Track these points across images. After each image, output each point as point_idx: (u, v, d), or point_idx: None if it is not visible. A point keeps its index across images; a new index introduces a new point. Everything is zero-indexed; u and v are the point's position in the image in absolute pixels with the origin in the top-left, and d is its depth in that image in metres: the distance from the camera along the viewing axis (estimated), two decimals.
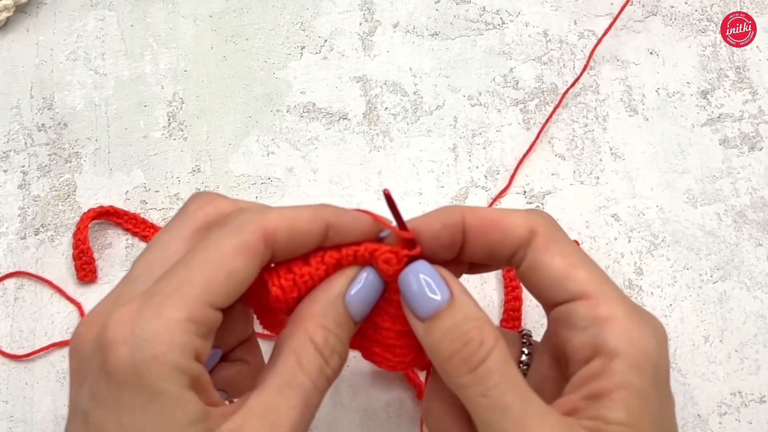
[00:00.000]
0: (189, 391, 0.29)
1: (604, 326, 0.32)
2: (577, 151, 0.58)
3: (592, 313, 0.33)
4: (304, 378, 0.32)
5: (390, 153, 0.58)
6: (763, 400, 0.52)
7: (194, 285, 0.30)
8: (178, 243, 0.34)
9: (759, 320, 0.54)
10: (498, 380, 0.31)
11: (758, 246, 0.56)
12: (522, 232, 0.35)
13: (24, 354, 0.52)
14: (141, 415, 0.29)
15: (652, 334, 0.33)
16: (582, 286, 0.33)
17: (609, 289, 0.34)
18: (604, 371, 0.32)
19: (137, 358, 0.29)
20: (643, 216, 0.56)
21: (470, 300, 0.34)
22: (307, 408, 0.32)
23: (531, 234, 0.35)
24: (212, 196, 0.36)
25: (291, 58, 0.61)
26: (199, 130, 0.58)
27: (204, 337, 0.31)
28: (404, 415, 0.51)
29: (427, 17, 0.62)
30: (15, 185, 0.56)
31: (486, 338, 0.32)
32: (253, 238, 0.32)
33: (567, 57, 0.61)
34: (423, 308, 0.33)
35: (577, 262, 0.34)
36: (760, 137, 0.59)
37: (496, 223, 0.35)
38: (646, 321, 0.33)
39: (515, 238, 0.35)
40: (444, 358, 0.33)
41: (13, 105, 0.59)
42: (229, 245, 0.31)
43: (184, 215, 0.35)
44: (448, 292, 0.33)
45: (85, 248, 0.53)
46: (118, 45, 0.61)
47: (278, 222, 0.32)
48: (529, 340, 0.38)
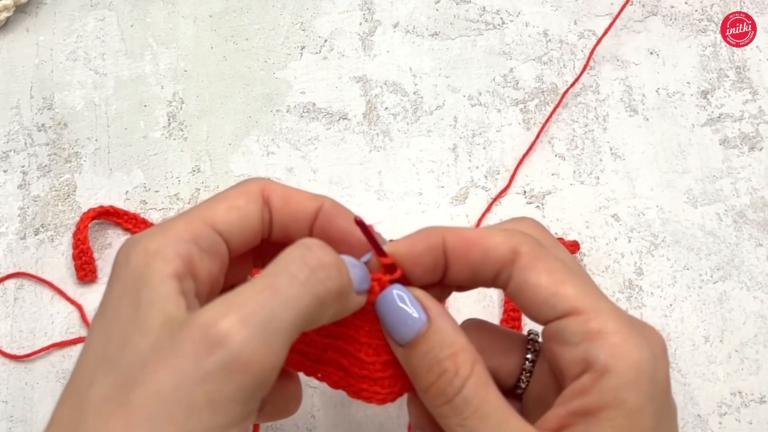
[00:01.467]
0: (172, 281, 0.31)
1: (596, 341, 0.32)
2: (577, 151, 0.58)
3: (582, 328, 0.32)
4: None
5: (390, 153, 0.58)
6: (763, 400, 0.52)
7: (198, 211, 0.34)
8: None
9: (759, 320, 0.54)
10: (474, 409, 0.31)
11: (758, 246, 0.56)
12: (503, 251, 0.34)
13: (24, 354, 0.52)
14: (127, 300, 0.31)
15: (647, 346, 0.32)
16: (572, 303, 0.32)
17: (600, 302, 0.33)
18: (594, 388, 0.31)
19: (141, 261, 0.31)
20: (643, 216, 0.56)
21: (447, 323, 0.33)
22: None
23: (514, 254, 0.34)
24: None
25: (291, 58, 0.61)
26: (199, 130, 0.58)
27: (203, 249, 0.32)
28: (404, 415, 0.51)
29: (427, 17, 0.62)
30: (15, 185, 0.56)
31: (461, 367, 0.32)
32: (253, 189, 0.35)
33: (567, 57, 0.61)
34: (401, 333, 0.33)
35: (564, 277, 0.33)
36: (760, 137, 0.59)
37: (476, 243, 0.34)
38: (641, 333, 0.33)
39: (497, 259, 0.34)
40: (422, 388, 0.33)
41: (13, 105, 0.59)
42: (231, 191, 0.35)
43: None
44: (424, 316, 0.33)
45: (85, 248, 0.53)
46: (118, 45, 0.61)
47: (277, 187, 0.35)
48: (535, 345, 0.37)
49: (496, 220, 0.56)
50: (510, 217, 0.55)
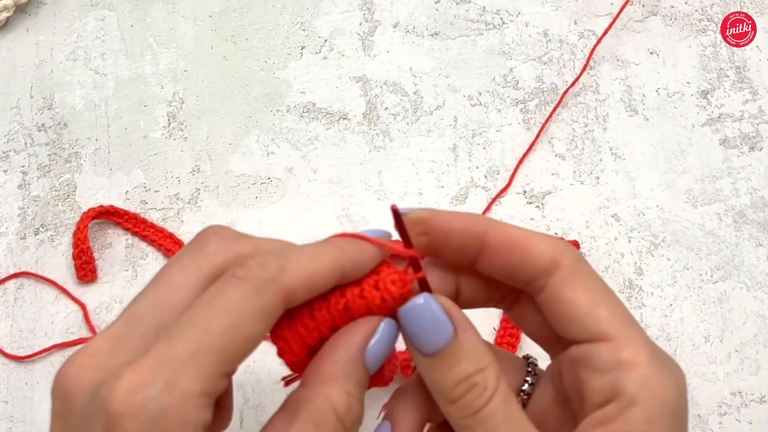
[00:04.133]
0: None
1: (626, 371, 0.31)
2: (577, 151, 0.58)
3: (614, 356, 0.31)
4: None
5: (390, 153, 0.58)
6: (763, 400, 0.52)
7: (211, 354, 0.28)
8: (191, 287, 0.31)
9: (759, 320, 0.54)
10: (499, 421, 0.31)
11: (758, 246, 0.56)
12: (545, 260, 0.33)
13: (25, 355, 0.52)
14: None
15: (673, 382, 0.31)
16: (605, 327, 0.32)
17: (632, 331, 0.32)
18: (619, 418, 0.31)
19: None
20: (643, 216, 0.56)
21: (475, 336, 0.33)
22: None
23: (554, 264, 0.33)
24: (233, 235, 0.34)
25: (291, 58, 0.61)
26: (199, 130, 0.58)
27: (212, 404, 0.29)
28: None
29: (427, 17, 0.62)
30: (15, 185, 0.56)
31: (489, 382, 0.32)
32: (274, 300, 0.30)
33: (567, 57, 0.61)
34: (426, 344, 0.32)
35: (600, 299, 0.32)
36: (760, 137, 0.59)
37: (520, 245, 0.33)
38: (668, 367, 0.32)
39: (537, 265, 0.33)
40: (447, 400, 0.32)
41: (13, 105, 0.59)
42: (250, 308, 0.29)
43: (201, 254, 0.32)
44: (451, 329, 0.32)
45: (85, 248, 0.53)
46: (118, 45, 0.61)
47: (298, 280, 0.31)
48: (535, 369, 0.37)
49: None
50: (510, 217, 0.56)
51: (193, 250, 0.33)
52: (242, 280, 0.30)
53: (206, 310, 0.29)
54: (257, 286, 0.30)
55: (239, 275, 0.30)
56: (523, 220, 0.56)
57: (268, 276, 0.30)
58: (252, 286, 0.30)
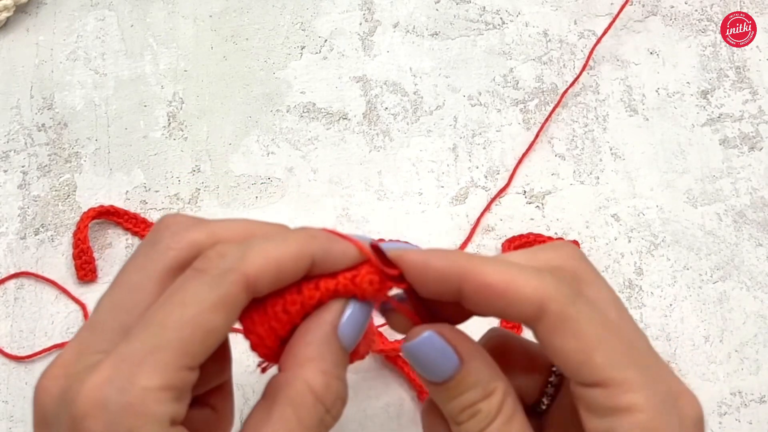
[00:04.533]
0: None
1: (622, 417, 0.30)
2: (577, 151, 0.58)
3: (610, 402, 0.30)
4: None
5: (390, 153, 0.58)
6: (763, 400, 0.52)
7: (169, 348, 0.28)
8: (149, 286, 0.31)
9: (759, 320, 0.54)
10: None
11: (758, 246, 0.56)
12: (530, 307, 0.30)
13: (25, 356, 0.52)
14: None
15: (677, 423, 0.30)
16: (599, 374, 0.30)
17: (633, 372, 0.30)
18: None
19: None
20: (643, 216, 0.56)
21: (480, 364, 0.32)
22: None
23: (540, 311, 0.30)
24: (185, 224, 0.33)
25: (291, 58, 0.61)
26: (199, 130, 0.58)
27: (180, 399, 0.29)
28: (404, 415, 0.51)
29: (427, 17, 0.62)
30: (15, 185, 0.56)
31: (492, 408, 0.31)
32: (234, 289, 0.29)
33: (567, 57, 0.61)
34: (432, 376, 0.32)
35: (595, 343, 0.30)
36: (760, 137, 0.59)
37: (500, 292, 0.31)
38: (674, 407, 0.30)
39: (522, 313, 0.31)
40: (454, 422, 0.32)
41: (13, 105, 0.59)
42: (208, 300, 0.29)
43: (154, 250, 0.32)
44: (456, 361, 0.32)
45: (85, 248, 0.53)
46: (118, 45, 0.61)
47: (261, 266, 0.30)
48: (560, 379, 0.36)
49: (496, 219, 0.56)
50: (509, 217, 0.56)
51: (147, 247, 0.32)
52: (200, 272, 0.30)
53: (163, 307, 0.29)
54: (215, 276, 0.29)
55: (198, 267, 0.30)
56: (523, 220, 0.56)
57: (226, 265, 0.30)
58: (209, 277, 0.29)
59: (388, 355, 0.51)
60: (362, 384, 0.52)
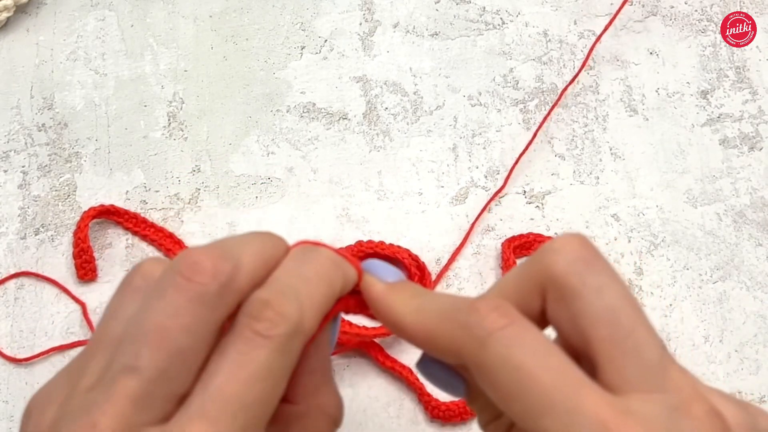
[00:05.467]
0: None
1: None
2: (576, 151, 0.58)
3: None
4: None
5: (390, 153, 0.58)
6: (763, 400, 0.52)
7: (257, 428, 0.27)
8: (202, 349, 0.28)
9: (759, 320, 0.54)
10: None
11: (758, 246, 0.56)
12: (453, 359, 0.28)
13: (24, 358, 0.52)
14: None
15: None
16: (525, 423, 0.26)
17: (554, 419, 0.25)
18: None
19: None
20: (643, 216, 0.56)
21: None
22: None
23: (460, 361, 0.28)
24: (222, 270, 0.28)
25: (291, 58, 0.61)
26: (199, 130, 0.58)
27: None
28: (404, 415, 0.51)
29: (427, 17, 0.62)
30: (15, 185, 0.56)
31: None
32: (300, 352, 0.28)
33: (567, 57, 0.61)
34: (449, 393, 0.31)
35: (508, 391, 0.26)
36: (760, 137, 0.59)
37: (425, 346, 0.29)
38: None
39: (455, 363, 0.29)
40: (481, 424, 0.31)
41: (13, 105, 0.59)
42: (280, 371, 0.27)
43: (205, 308, 0.27)
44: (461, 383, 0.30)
45: (86, 247, 0.53)
46: (118, 45, 0.61)
47: (315, 321, 0.28)
48: None
49: (495, 219, 0.56)
50: (509, 217, 0.56)
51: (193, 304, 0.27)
52: (266, 339, 0.27)
53: (238, 380, 0.26)
54: (284, 345, 0.27)
55: (261, 332, 0.27)
56: (522, 220, 0.56)
57: (291, 329, 0.27)
58: (278, 345, 0.27)
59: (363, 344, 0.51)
60: (362, 384, 0.52)
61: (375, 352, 0.51)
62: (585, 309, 0.27)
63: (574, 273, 0.27)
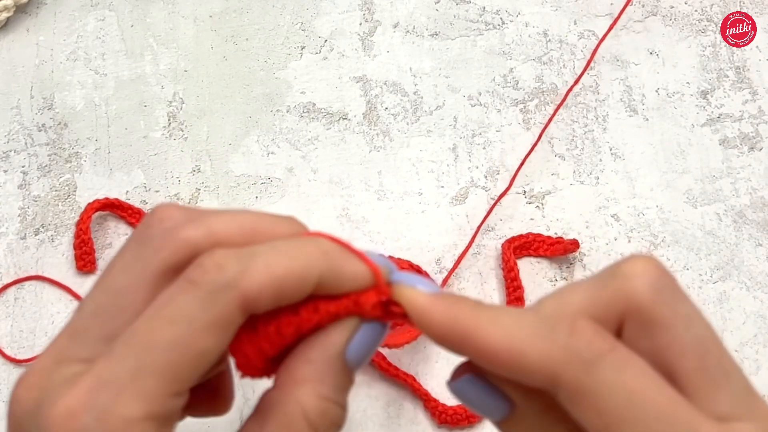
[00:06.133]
0: None
1: None
2: (577, 151, 0.58)
3: None
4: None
5: (390, 153, 0.58)
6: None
7: (155, 372, 0.25)
8: (137, 290, 0.28)
9: (759, 320, 0.54)
10: None
11: (758, 246, 0.56)
12: (541, 380, 0.26)
13: (24, 359, 0.52)
14: None
15: None
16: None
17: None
18: None
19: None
20: (643, 216, 0.56)
21: (536, 407, 0.28)
22: None
23: (554, 381, 0.26)
24: (179, 218, 0.28)
25: (291, 58, 0.61)
26: (199, 130, 0.58)
27: (165, 426, 0.26)
28: (404, 415, 0.51)
29: (427, 17, 0.62)
30: (15, 185, 0.56)
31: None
32: (229, 309, 0.26)
33: (567, 57, 0.61)
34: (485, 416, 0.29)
35: (618, 417, 0.25)
36: (760, 137, 0.59)
37: (504, 363, 0.26)
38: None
39: (534, 382, 0.26)
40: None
41: (13, 105, 0.59)
42: (200, 319, 0.26)
43: (144, 249, 0.28)
44: (505, 404, 0.28)
45: (86, 238, 0.53)
46: (118, 45, 0.61)
47: (262, 285, 0.26)
48: None
49: (496, 219, 0.56)
50: (509, 217, 0.56)
51: (137, 243, 0.28)
52: (194, 285, 0.26)
53: (150, 322, 0.26)
54: (210, 293, 0.26)
55: (191, 278, 0.26)
56: (523, 220, 0.56)
57: (224, 280, 0.26)
58: (204, 293, 0.26)
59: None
60: (362, 384, 0.52)
61: (377, 359, 0.51)
62: (675, 339, 0.26)
63: (663, 302, 0.26)
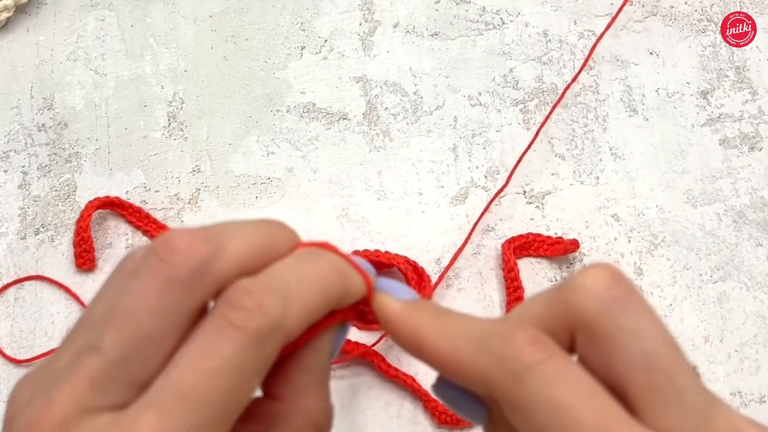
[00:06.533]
0: None
1: None
2: (576, 151, 0.58)
3: None
4: None
5: (390, 153, 0.58)
6: (763, 400, 0.52)
7: (214, 426, 0.24)
8: (171, 335, 0.25)
9: (759, 320, 0.54)
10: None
11: (758, 246, 0.56)
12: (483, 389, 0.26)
13: (24, 359, 0.52)
14: None
15: None
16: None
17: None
18: None
19: None
20: (643, 216, 0.56)
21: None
22: None
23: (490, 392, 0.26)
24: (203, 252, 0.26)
25: (291, 58, 0.61)
26: (199, 130, 0.58)
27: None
28: (404, 415, 0.51)
29: (427, 17, 0.62)
30: (15, 185, 0.56)
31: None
32: (276, 350, 0.25)
33: (567, 57, 0.61)
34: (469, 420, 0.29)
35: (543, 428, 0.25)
36: (760, 137, 0.59)
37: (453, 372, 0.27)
38: None
39: (484, 393, 0.27)
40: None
41: (13, 105, 0.59)
42: (251, 367, 0.25)
43: (176, 292, 0.25)
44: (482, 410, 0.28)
45: (86, 236, 0.53)
46: (118, 45, 0.61)
47: (301, 322, 0.26)
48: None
49: (495, 219, 0.56)
50: (509, 217, 0.56)
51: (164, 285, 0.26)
52: (239, 331, 0.25)
53: (200, 373, 0.24)
54: (258, 339, 0.25)
55: (234, 322, 0.25)
56: (522, 220, 0.56)
57: (271, 324, 0.25)
58: (252, 340, 0.25)
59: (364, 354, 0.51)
60: (362, 384, 0.52)
61: (377, 360, 0.51)
62: (621, 355, 0.25)
63: (608, 315, 0.25)
